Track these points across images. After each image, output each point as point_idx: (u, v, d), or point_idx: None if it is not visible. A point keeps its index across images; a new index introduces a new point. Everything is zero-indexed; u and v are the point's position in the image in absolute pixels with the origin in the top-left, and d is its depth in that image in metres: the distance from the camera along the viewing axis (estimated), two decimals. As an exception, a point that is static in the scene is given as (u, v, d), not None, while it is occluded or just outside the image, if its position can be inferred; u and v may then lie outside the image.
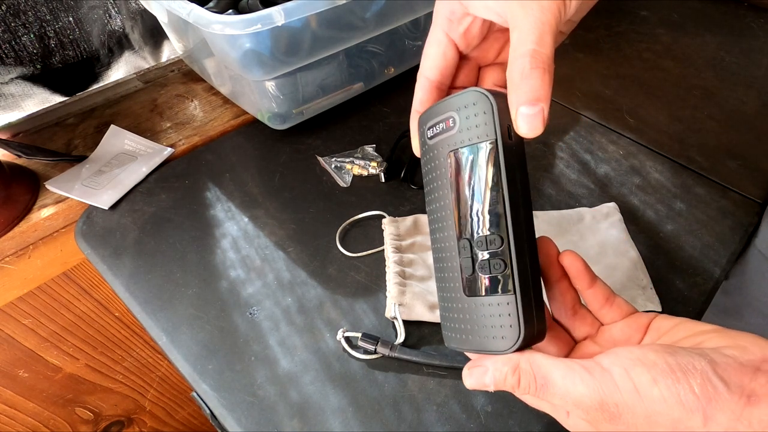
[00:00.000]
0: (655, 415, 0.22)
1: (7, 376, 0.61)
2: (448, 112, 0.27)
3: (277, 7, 0.46)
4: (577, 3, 0.26)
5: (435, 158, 0.28)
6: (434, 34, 0.30)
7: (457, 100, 0.26)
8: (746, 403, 0.22)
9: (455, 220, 0.26)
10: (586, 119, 0.64)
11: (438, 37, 0.30)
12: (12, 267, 0.54)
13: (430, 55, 0.31)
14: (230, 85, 0.63)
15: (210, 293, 0.46)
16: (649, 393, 0.22)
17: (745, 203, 0.53)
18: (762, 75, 0.70)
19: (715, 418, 0.22)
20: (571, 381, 0.24)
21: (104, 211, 0.53)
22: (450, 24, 0.30)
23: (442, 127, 0.27)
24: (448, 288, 0.28)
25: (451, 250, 0.27)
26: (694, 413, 0.22)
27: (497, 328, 0.25)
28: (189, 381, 0.40)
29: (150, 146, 0.61)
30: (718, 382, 0.22)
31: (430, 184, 0.28)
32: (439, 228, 0.28)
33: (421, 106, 0.31)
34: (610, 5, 0.87)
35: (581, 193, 0.54)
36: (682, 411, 0.22)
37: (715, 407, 0.22)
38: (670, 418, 0.22)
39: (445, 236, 0.27)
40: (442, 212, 0.27)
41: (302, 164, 0.58)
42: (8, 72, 0.63)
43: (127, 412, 0.80)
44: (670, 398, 0.22)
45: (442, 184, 0.27)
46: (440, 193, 0.27)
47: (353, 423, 0.37)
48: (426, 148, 0.28)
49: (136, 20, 0.71)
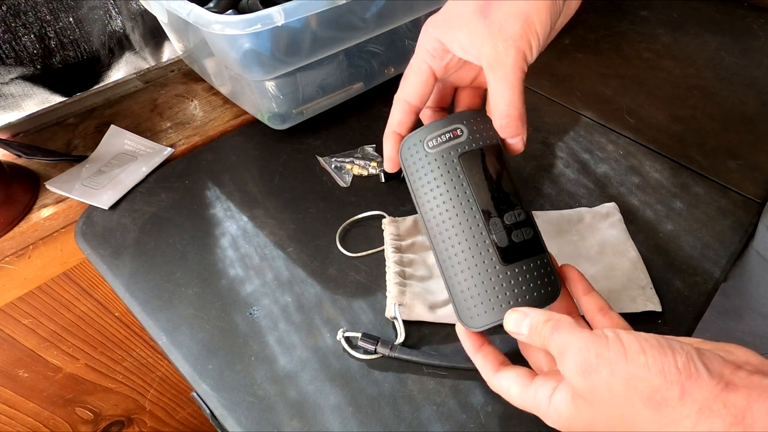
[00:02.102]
0: (635, 379, 0.24)
1: (7, 376, 0.61)
2: (454, 124, 0.32)
3: (277, 7, 0.46)
4: (540, 46, 0.30)
5: (441, 162, 0.32)
6: (416, 63, 0.34)
7: (462, 115, 0.33)
8: (723, 389, 0.23)
9: (478, 206, 0.31)
10: (585, 119, 0.64)
11: (420, 67, 0.33)
12: (12, 267, 0.54)
13: (411, 82, 0.34)
14: (230, 85, 0.64)
15: (210, 293, 0.46)
16: (635, 357, 0.24)
17: (745, 203, 0.53)
18: (762, 75, 0.70)
19: (692, 393, 0.23)
20: (572, 331, 0.27)
21: (104, 211, 0.53)
22: (432, 57, 0.33)
23: (449, 136, 0.32)
24: (476, 269, 0.31)
25: (475, 234, 0.31)
26: (673, 385, 0.23)
27: (537, 284, 0.31)
28: (189, 381, 0.40)
29: (150, 146, 0.61)
30: (700, 365, 0.24)
31: (437, 184, 0.32)
32: (453, 220, 0.32)
33: (399, 127, 0.35)
34: (610, 5, 0.87)
35: (581, 192, 0.54)
36: (662, 380, 0.24)
37: (694, 384, 0.23)
38: (650, 385, 0.24)
39: (465, 224, 0.31)
40: (458, 205, 0.31)
41: (302, 164, 0.58)
42: (8, 72, 0.63)
43: (127, 412, 0.80)
44: (654, 367, 0.24)
45: (455, 181, 0.32)
46: (453, 189, 0.32)
47: (352, 422, 0.37)
48: (423, 158, 0.32)
49: (136, 21, 0.71)
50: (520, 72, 0.30)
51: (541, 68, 0.73)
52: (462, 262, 0.31)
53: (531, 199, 0.53)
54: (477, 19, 0.30)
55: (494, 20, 0.30)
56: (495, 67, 0.30)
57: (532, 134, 0.62)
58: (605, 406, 0.26)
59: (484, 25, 0.30)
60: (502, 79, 0.30)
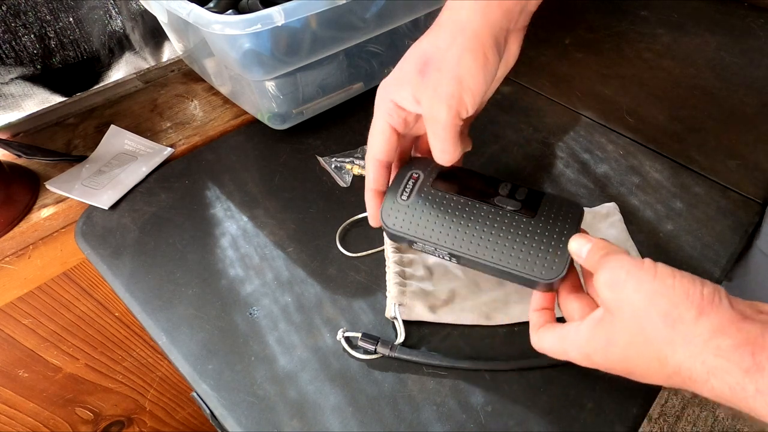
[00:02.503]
0: (657, 295, 0.26)
1: (7, 376, 0.61)
2: (409, 172, 0.39)
3: (277, 7, 0.46)
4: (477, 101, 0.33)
5: (423, 200, 0.38)
6: (378, 123, 0.37)
7: (408, 164, 0.40)
8: (741, 319, 0.24)
9: (479, 199, 0.37)
10: (585, 119, 0.64)
11: (382, 127, 0.37)
12: (12, 267, 0.54)
13: (377, 142, 0.37)
14: (230, 85, 0.64)
15: (210, 293, 0.46)
16: (663, 279, 0.27)
17: (745, 203, 0.53)
18: (762, 75, 0.70)
19: (709, 316, 0.25)
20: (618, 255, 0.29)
21: (104, 211, 0.53)
22: (390, 116, 0.36)
23: (412, 182, 0.39)
24: (518, 237, 0.35)
25: (495, 216, 0.36)
26: (692, 306, 0.25)
27: (564, 210, 0.36)
28: (189, 381, 0.40)
29: (150, 146, 0.61)
30: (725, 299, 0.25)
31: (435, 215, 0.37)
32: (473, 223, 0.36)
33: (376, 184, 0.39)
34: (610, 5, 0.87)
35: (581, 192, 0.54)
36: (682, 300, 0.25)
37: (713, 310, 0.25)
38: (669, 302, 0.26)
39: (483, 217, 0.36)
40: (465, 211, 0.37)
41: (302, 164, 0.58)
42: (8, 72, 0.63)
43: (127, 412, 0.80)
44: (679, 288, 0.26)
45: (447, 200, 0.37)
46: (452, 206, 0.37)
47: (352, 422, 0.37)
48: (408, 210, 0.38)
49: (136, 21, 0.71)
50: (453, 128, 0.34)
51: (541, 68, 0.73)
52: (506, 243, 0.35)
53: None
54: (417, 79, 0.33)
55: (430, 80, 0.33)
56: (431, 123, 0.34)
57: (532, 134, 0.62)
58: (625, 320, 0.27)
59: (423, 84, 0.33)
60: (436, 134, 0.34)
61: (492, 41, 0.32)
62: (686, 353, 0.25)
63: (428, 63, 0.33)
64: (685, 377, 0.25)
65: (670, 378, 0.26)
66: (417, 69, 0.33)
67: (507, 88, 0.69)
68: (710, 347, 0.24)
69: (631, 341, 0.27)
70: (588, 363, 0.30)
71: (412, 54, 0.34)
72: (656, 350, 0.26)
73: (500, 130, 0.62)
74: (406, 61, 0.35)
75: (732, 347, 0.24)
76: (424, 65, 0.33)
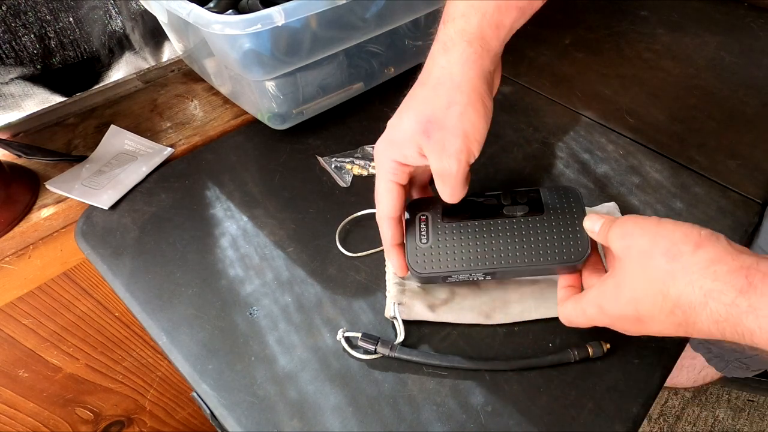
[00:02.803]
0: (659, 237, 0.29)
1: (7, 376, 0.61)
2: (416, 216, 0.41)
3: (277, 7, 0.46)
4: (481, 145, 0.36)
5: (441, 236, 0.40)
6: (383, 184, 0.39)
7: (412, 209, 0.41)
8: (738, 253, 0.27)
9: (491, 218, 0.40)
10: (585, 119, 0.64)
11: (388, 186, 0.38)
12: (12, 267, 0.54)
13: (386, 201, 0.39)
14: (230, 85, 0.64)
15: (210, 293, 0.46)
16: (665, 225, 0.30)
17: (745, 203, 0.53)
18: (762, 75, 0.70)
19: (706, 248, 0.27)
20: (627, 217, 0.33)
21: (104, 211, 0.53)
22: (394, 175, 0.38)
23: (423, 225, 0.40)
24: (527, 241, 0.38)
25: (511, 228, 0.39)
26: (691, 242, 0.28)
27: (568, 199, 0.40)
28: (189, 381, 0.40)
29: (150, 146, 0.61)
30: (723, 239, 0.28)
31: (454, 245, 0.39)
32: (494, 242, 0.39)
33: (395, 240, 0.40)
34: (610, 5, 0.87)
35: (581, 192, 0.54)
36: (683, 238, 0.28)
37: (710, 244, 0.28)
38: (670, 241, 0.29)
39: (499, 232, 0.39)
40: (479, 233, 0.39)
41: (302, 164, 0.58)
42: (8, 72, 0.63)
43: (127, 412, 0.80)
44: (679, 231, 0.29)
45: (462, 229, 0.40)
46: (468, 233, 0.39)
47: (352, 422, 0.37)
48: (429, 251, 0.39)
49: (136, 21, 0.71)
50: (462, 177, 0.36)
51: (541, 68, 0.73)
52: (531, 244, 0.38)
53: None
54: (421, 139, 0.35)
55: (437, 141, 0.34)
56: (443, 177, 0.36)
57: (532, 134, 0.62)
58: (632, 262, 0.30)
59: (430, 144, 0.35)
60: (447, 183, 0.36)
61: (486, 88, 0.35)
62: (685, 281, 0.27)
63: (431, 123, 0.34)
64: (684, 307, 0.28)
65: (672, 314, 0.28)
66: (420, 130, 0.35)
67: (507, 88, 0.69)
68: (708, 273, 0.27)
69: (638, 279, 0.30)
70: (602, 317, 0.33)
71: (410, 116, 0.36)
72: (659, 284, 0.28)
73: (500, 130, 0.62)
74: (404, 121, 0.36)
75: (727, 272, 0.26)
76: (427, 124, 0.34)
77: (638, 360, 0.40)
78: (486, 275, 0.40)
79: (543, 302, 0.43)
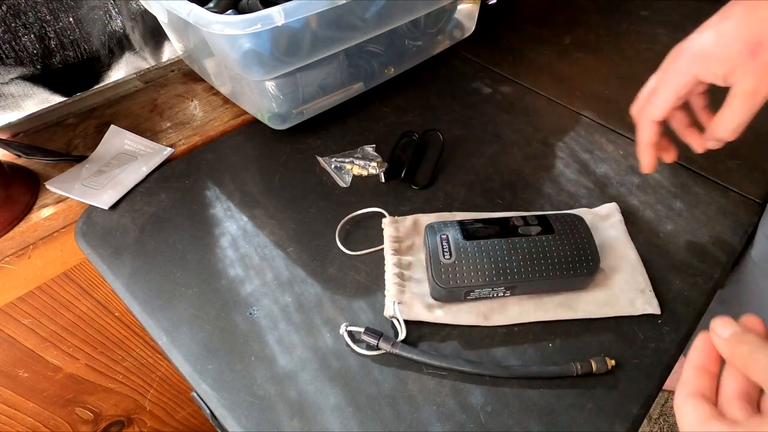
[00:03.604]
0: None
1: (7, 376, 0.61)
2: (437, 236, 0.43)
3: (277, 7, 0.46)
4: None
5: (463, 253, 0.41)
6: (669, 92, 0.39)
7: (432, 231, 0.44)
8: None
9: (506, 240, 0.42)
10: (585, 119, 0.64)
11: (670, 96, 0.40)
12: (12, 267, 0.54)
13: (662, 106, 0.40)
14: (230, 85, 0.64)
15: (210, 293, 0.46)
16: None
17: (745, 203, 0.53)
18: (762, 75, 0.70)
19: None
20: None
21: (104, 211, 0.53)
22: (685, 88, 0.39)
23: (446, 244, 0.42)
24: (545, 257, 0.41)
25: (527, 247, 0.42)
26: None
27: (572, 219, 0.44)
28: (189, 381, 0.40)
29: (150, 146, 0.61)
30: None
31: (477, 261, 0.41)
32: (510, 262, 0.41)
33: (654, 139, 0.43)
34: (611, 5, 0.87)
35: (581, 192, 0.54)
36: None
37: None
38: None
39: (514, 249, 0.41)
40: (500, 250, 0.41)
41: (302, 164, 0.58)
42: (8, 72, 0.63)
43: (127, 412, 0.80)
44: None
45: (483, 248, 0.41)
46: (489, 251, 0.41)
47: (352, 422, 0.37)
48: (449, 262, 0.41)
49: (136, 21, 0.71)
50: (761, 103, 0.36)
51: (541, 68, 0.73)
52: (549, 259, 0.41)
53: (531, 199, 0.53)
54: (743, 58, 0.34)
55: (763, 61, 0.34)
56: (748, 98, 0.36)
57: (532, 134, 0.62)
58: None
59: (751, 64, 0.34)
60: (746, 107, 0.36)
61: None
62: None
63: (762, 44, 0.34)
64: None
65: None
66: (746, 50, 0.34)
67: (507, 88, 0.69)
68: None
69: None
70: None
71: (736, 33, 0.35)
72: None
73: (500, 130, 0.62)
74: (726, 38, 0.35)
75: None
76: (756, 48, 0.34)
77: (638, 361, 0.40)
78: (506, 290, 0.41)
79: (541, 305, 0.43)
